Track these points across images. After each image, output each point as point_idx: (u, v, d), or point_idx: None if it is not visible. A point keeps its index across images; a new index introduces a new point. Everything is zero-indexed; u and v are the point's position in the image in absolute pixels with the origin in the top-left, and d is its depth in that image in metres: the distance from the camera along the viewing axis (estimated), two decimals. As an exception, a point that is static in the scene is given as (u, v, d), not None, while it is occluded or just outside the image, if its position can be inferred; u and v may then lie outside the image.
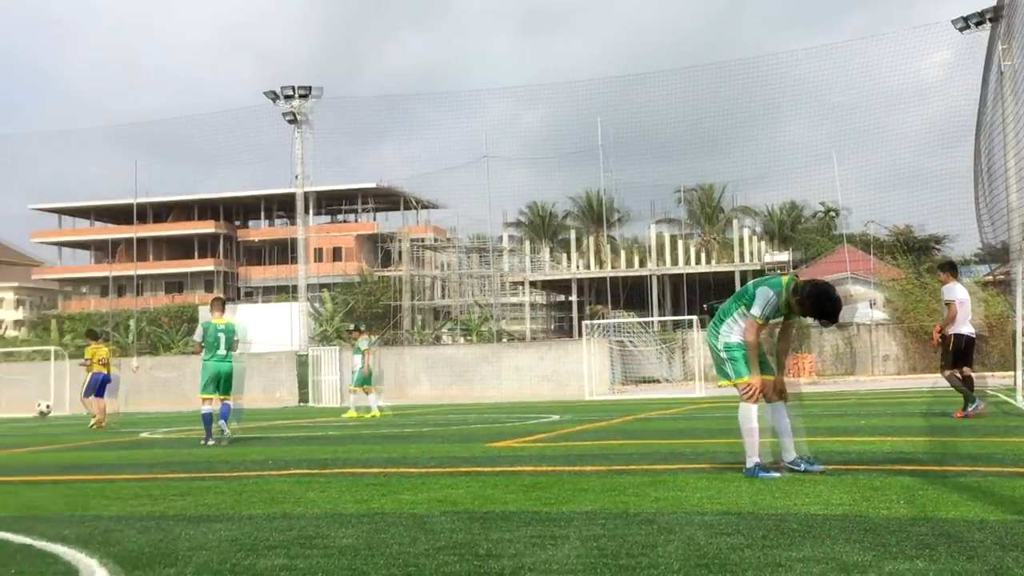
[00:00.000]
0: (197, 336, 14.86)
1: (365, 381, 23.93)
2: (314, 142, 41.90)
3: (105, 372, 22.98)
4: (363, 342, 24.20)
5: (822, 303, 7.53)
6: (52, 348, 42.93)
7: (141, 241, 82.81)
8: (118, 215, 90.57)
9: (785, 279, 7.76)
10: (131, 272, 77.50)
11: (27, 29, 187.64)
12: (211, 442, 14.37)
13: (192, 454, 12.76)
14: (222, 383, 14.61)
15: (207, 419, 14.61)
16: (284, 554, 5.19)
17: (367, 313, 69.76)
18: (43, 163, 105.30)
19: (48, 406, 21.88)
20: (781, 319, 7.94)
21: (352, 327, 27.20)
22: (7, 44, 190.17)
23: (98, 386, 22.87)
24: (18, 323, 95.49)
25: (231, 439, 14.80)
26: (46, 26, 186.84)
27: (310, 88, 38.87)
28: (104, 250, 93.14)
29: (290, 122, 39.10)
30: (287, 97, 38.19)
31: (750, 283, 7.96)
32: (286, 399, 38.61)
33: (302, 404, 37.03)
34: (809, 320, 7.86)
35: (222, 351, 14.50)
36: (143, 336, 68.22)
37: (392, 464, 10.14)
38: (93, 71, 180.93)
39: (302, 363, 38.42)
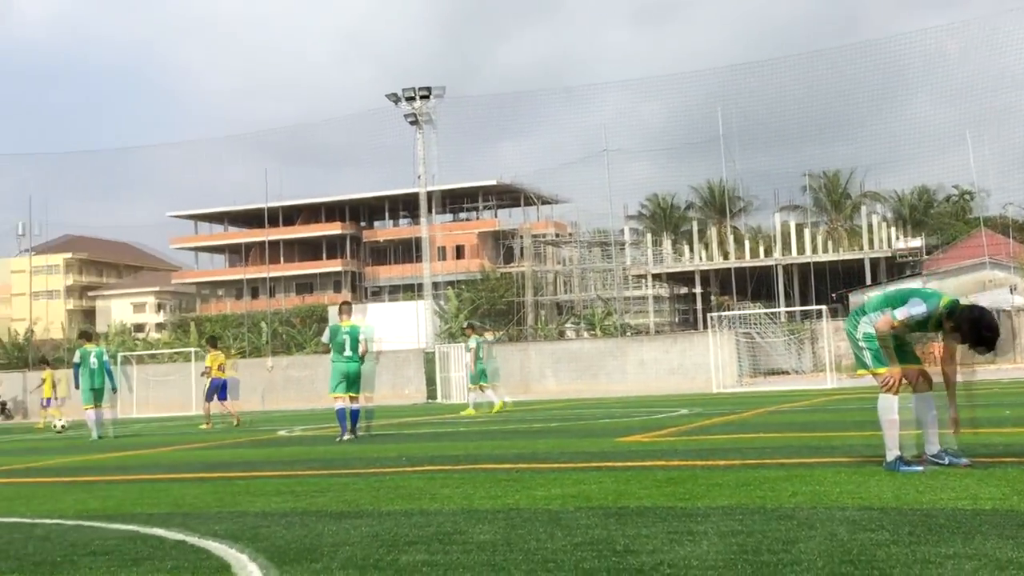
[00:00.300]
0: (324, 338, 15.78)
1: (478, 378, 24.17)
2: (436, 141, 42.45)
3: (224, 377, 24.11)
4: (472, 340, 24.40)
5: (978, 330, 7.17)
6: (192, 349, 44.47)
7: (272, 244, 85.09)
8: (250, 219, 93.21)
9: (947, 300, 7.39)
10: (263, 274, 79.70)
11: (158, 42, 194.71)
12: (346, 437, 14.93)
13: (329, 451, 13.07)
14: (351, 382, 15.20)
15: (340, 416, 15.22)
16: (424, 550, 5.28)
17: (491, 310, 70.30)
18: (178, 172, 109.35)
19: (64, 426, 22.82)
20: (926, 334, 7.67)
21: (465, 324, 27.39)
22: (141, 58, 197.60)
23: (219, 390, 23.98)
24: (159, 326, 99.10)
25: (369, 436, 15.44)
26: (176, 38, 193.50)
27: (430, 89, 39.30)
28: (238, 254, 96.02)
29: (411, 123, 39.63)
30: (408, 99, 38.71)
31: (910, 287, 7.74)
32: (414, 396, 39.17)
33: (430, 401, 37.51)
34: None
35: (348, 352, 15.16)
36: (276, 336, 70.06)
37: (523, 460, 10.21)
38: (222, 81, 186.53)
39: (429, 360, 38.91)
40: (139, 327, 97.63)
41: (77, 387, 20.44)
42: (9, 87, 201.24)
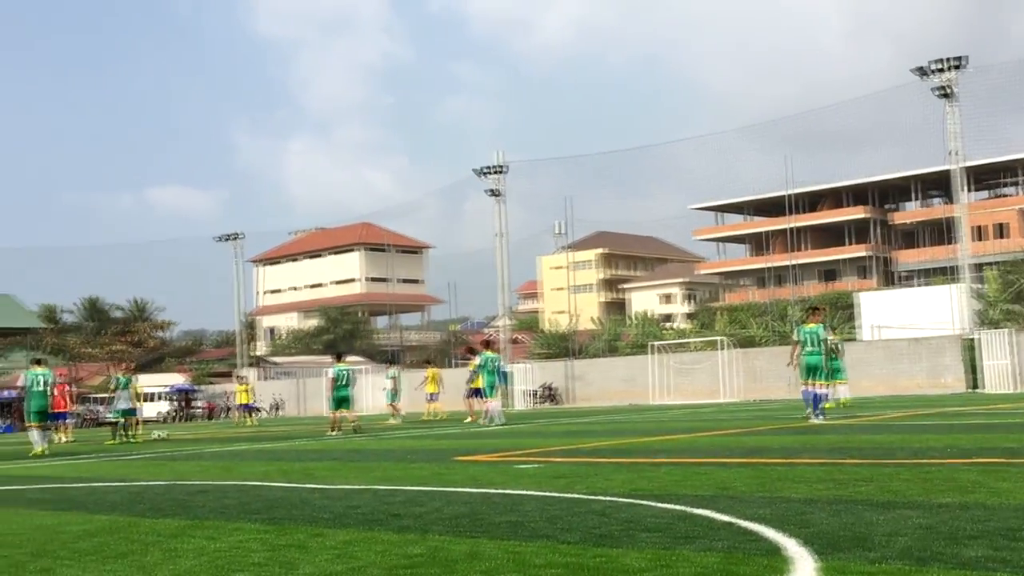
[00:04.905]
0: (795, 336, 19.36)
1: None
2: (964, 115, 39.55)
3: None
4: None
5: None
6: (719, 338, 45.35)
7: (794, 231, 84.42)
8: (770, 208, 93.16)
9: None
10: (786, 262, 79.33)
11: (669, 39, 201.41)
12: (814, 420, 17.72)
13: (869, 440, 12.71)
14: (813, 371, 18.42)
15: (806, 397, 18.44)
16: (988, 545, 4.95)
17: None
18: (697, 165, 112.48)
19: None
20: None
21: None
22: (654, 56, 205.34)
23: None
24: (689, 316, 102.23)
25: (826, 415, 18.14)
26: (686, 33, 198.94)
27: (960, 59, 36.77)
28: (759, 243, 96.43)
29: (940, 97, 37.34)
30: (936, 71, 36.48)
31: None
32: (952, 384, 36.90)
33: (972, 390, 35.12)
34: None
35: (809, 347, 18.52)
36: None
37: (1092, 455, 9.23)
38: (731, 71, 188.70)
39: (968, 347, 36.40)
40: (666, 317, 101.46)
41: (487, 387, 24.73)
42: (537, 94, 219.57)
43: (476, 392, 26.94)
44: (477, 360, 26.34)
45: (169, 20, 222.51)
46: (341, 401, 24.17)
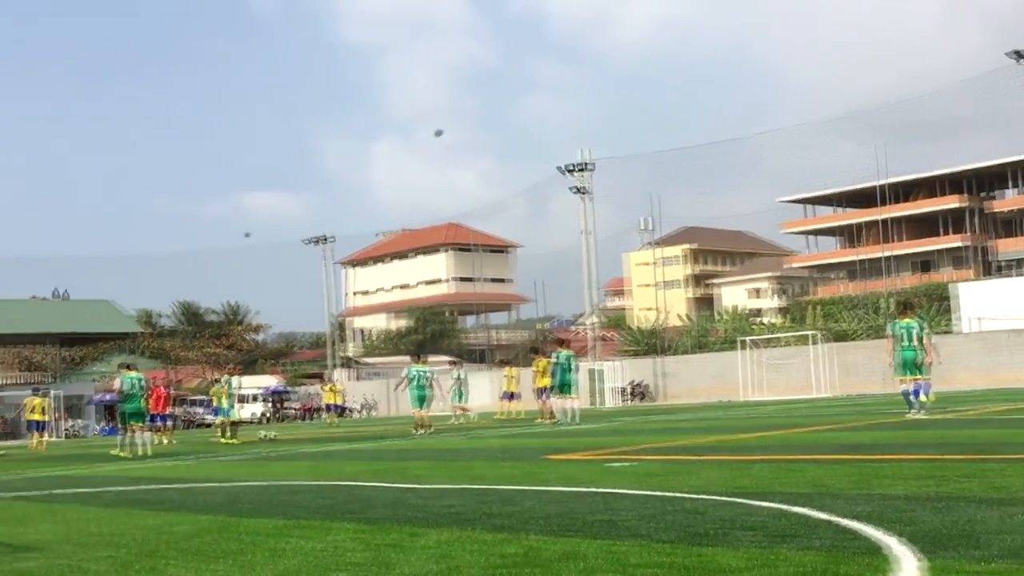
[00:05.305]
0: (888, 330, 19.05)
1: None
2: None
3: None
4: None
5: None
6: (811, 332, 44.65)
7: (887, 222, 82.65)
8: (860, 199, 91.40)
9: None
10: (878, 254, 77.69)
11: (752, 30, 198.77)
12: (913, 415, 17.45)
13: (971, 435, 12.43)
14: (910, 367, 18.01)
15: (905, 395, 18.23)
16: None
17: None
18: (786, 157, 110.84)
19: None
20: None
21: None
22: (737, 48, 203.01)
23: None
24: (783, 310, 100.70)
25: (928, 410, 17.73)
26: (769, 23, 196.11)
27: (1059, 38, 35.63)
28: (851, 235, 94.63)
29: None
30: (1033, 53, 35.40)
31: None
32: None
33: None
34: None
35: (904, 342, 18.02)
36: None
37: None
38: (817, 61, 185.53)
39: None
40: (756, 312, 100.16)
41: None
42: (620, 90, 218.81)
43: (541, 391, 27.29)
44: (552, 358, 26.26)
45: (255, 28, 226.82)
46: (422, 400, 24.95)
